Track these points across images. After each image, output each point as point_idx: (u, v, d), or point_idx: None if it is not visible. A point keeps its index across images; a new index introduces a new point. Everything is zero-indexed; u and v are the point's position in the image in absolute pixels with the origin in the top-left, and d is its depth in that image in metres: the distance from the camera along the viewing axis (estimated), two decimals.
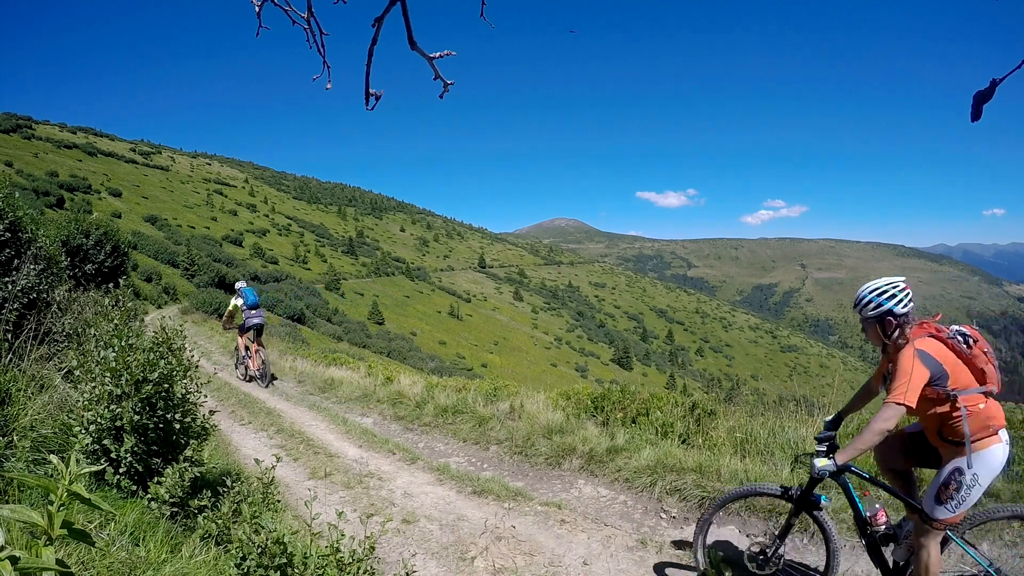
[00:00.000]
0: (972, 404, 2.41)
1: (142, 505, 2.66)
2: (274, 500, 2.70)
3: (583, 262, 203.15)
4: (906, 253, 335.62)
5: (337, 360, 12.33)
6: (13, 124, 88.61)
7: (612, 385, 7.12)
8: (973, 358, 2.46)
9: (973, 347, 2.48)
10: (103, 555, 2.00)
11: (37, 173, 60.14)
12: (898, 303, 2.53)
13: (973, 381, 2.45)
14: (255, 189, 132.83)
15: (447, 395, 7.19)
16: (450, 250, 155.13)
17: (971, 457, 2.38)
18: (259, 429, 6.70)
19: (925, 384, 2.41)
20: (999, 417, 2.44)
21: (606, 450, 4.95)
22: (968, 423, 2.39)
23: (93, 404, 2.91)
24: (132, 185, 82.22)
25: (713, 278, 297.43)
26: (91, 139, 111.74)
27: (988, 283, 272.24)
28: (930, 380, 2.42)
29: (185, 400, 3.19)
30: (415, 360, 42.48)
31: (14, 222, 4.86)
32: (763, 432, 4.79)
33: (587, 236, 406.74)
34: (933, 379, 2.42)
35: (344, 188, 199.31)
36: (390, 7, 1.13)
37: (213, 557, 2.38)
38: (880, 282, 2.61)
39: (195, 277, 48.18)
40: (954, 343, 2.48)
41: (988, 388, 2.45)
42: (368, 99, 1.27)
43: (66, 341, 4.49)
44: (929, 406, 2.48)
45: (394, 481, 4.92)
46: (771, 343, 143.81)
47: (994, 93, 0.84)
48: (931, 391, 2.44)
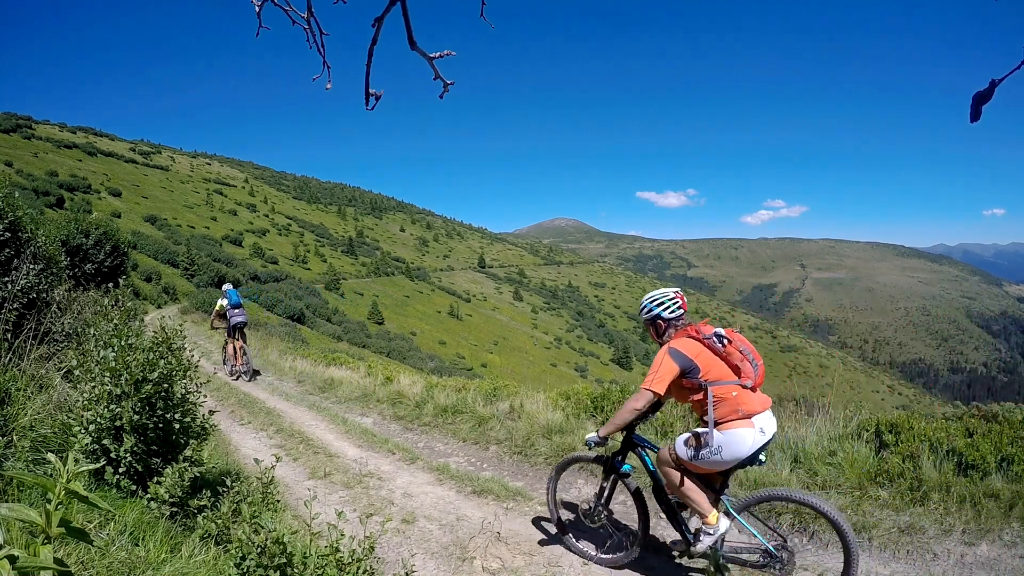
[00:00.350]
0: (722, 393, 2.83)
1: (142, 505, 2.66)
2: (274, 500, 2.70)
3: (583, 262, 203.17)
4: (906, 253, 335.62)
5: (337, 360, 12.32)
6: (13, 124, 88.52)
7: (612, 385, 7.12)
8: (728, 356, 2.88)
9: (727, 347, 2.90)
10: (102, 555, 2.00)
11: (37, 173, 60.09)
12: (666, 310, 3.08)
13: (728, 374, 2.87)
14: (255, 189, 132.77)
15: (447, 395, 7.18)
16: (450, 250, 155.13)
17: (714, 433, 2.81)
18: (259, 429, 6.70)
19: (679, 376, 2.88)
20: (751, 406, 2.81)
21: (606, 450, 4.95)
22: (716, 409, 2.82)
23: (93, 404, 2.91)
24: (132, 185, 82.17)
25: (713, 278, 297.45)
26: (91, 139, 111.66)
27: (988, 283, 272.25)
28: (682, 373, 2.88)
29: (185, 400, 3.19)
30: (415, 360, 42.47)
31: (14, 222, 4.86)
32: None
33: (587, 236, 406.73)
34: (685, 372, 2.87)
35: (344, 188, 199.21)
36: (390, 7, 1.13)
37: (213, 557, 2.38)
38: (656, 293, 3.15)
39: (195, 277, 48.16)
40: (710, 343, 2.91)
41: (742, 381, 2.85)
42: (368, 99, 1.27)
43: (66, 341, 4.49)
44: (688, 394, 2.94)
45: (394, 481, 4.92)
46: (771, 343, 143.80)
47: (993, 94, 0.84)
48: (687, 382, 2.89)
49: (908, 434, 4.12)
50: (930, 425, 4.17)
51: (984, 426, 4.07)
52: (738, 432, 2.79)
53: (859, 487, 3.86)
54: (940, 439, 3.95)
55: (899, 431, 4.21)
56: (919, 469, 3.80)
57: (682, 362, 2.87)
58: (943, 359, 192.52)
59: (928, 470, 3.78)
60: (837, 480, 4.00)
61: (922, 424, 4.20)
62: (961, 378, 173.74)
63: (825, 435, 4.57)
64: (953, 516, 3.44)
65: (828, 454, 4.31)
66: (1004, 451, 3.72)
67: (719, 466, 2.88)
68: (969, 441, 3.88)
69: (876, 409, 5.53)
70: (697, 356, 2.89)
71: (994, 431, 3.92)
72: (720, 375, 2.86)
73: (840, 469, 4.09)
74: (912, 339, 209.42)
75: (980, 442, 3.82)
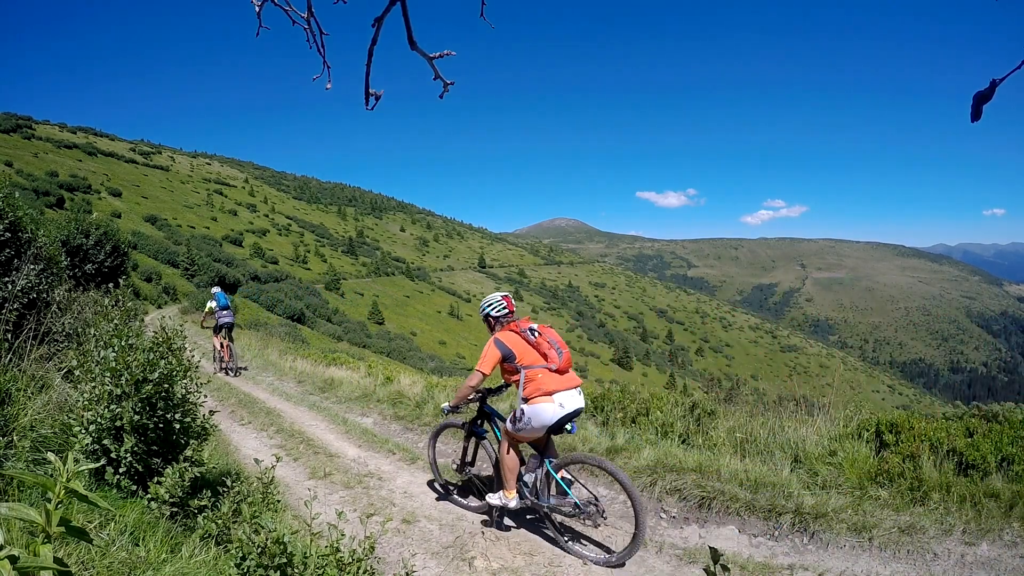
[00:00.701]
0: (532, 374, 3.53)
1: (142, 505, 2.66)
2: (274, 500, 2.70)
3: (583, 262, 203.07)
4: (906, 253, 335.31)
5: (337, 360, 12.32)
6: (13, 124, 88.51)
7: (612, 385, 7.12)
8: (537, 345, 3.60)
9: (538, 338, 3.63)
10: (103, 555, 2.00)
11: (37, 173, 60.08)
12: (494, 310, 3.87)
13: (538, 360, 3.58)
14: (255, 189, 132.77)
15: (447, 395, 7.18)
16: (450, 250, 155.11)
17: (523, 407, 3.51)
18: (259, 429, 6.70)
19: (501, 361, 3.62)
20: (552, 385, 3.50)
21: (606, 450, 4.95)
22: (526, 388, 3.53)
23: (93, 404, 2.91)
24: (132, 185, 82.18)
25: (713, 278, 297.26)
26: (91, 139, 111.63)
27: (988, 283, 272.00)
28: (503, 358, 3.61)
29: (185, 400, 3.19)
30: (415, 360, 42.45)
31: (14, 222, 4.86)
32: (763, 432, 4.79)
33: (587, 236, 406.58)
34: (505, 358, 3.61)
35: (344, 188, 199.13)
36: (390, 7, 1.13)
37: (213, 557, 2.38)
38: (489, 297, 3.94)
39: (195, 277, 48.17)
40: (524, 335, 3.64)
41: (549, 365, 3.55)
42: (368, 99, 1.27)
43: (66, 341, 4.49)
44: (510, 375, 3.66)
45: (394, 481, 4.92)
46: (771, 343, 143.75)
47: (994, 93, 0.84)
48: (508, 366, 3.63)
49: (908, 434, 4.11)
50: (930, 425, 4.16)
51: (984, 426, 4.07)
52: (540, 406, 3.47)
53: (859, 487, 3.86)
54: (940, 439, 3.94)
55: (899, 431, 4.20)
56: (919, 469, 3.80)
57: (503, 350, 3.61)
58: (943, 359, 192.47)
59: (928, 470, 3.77)
60: (837, 480, 3.99)
61: (922, 424, 4.19)
62: (961, 378, 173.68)
63: (825, 435, 4.57)
64: (953, 516, 3.44)
65: (828, 454, 4.30)
66: (1004, 451, 3.72)
67: (533, 433, 3.58)
68: (969, 441, 3.88)
69: (876, 409, 5.53)
70: (514, 345, 3.61)
71: (994, 431, 3.92)
72: (532, 360, 3.58)
73: (840, 469, 4.09)
74: (912, 339, 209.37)
75: (980, 442, 3.81)
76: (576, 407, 3.53)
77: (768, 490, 3.97)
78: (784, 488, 3.95)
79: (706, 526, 3.92)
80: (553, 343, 3.61)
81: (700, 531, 3.89)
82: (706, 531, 3.87)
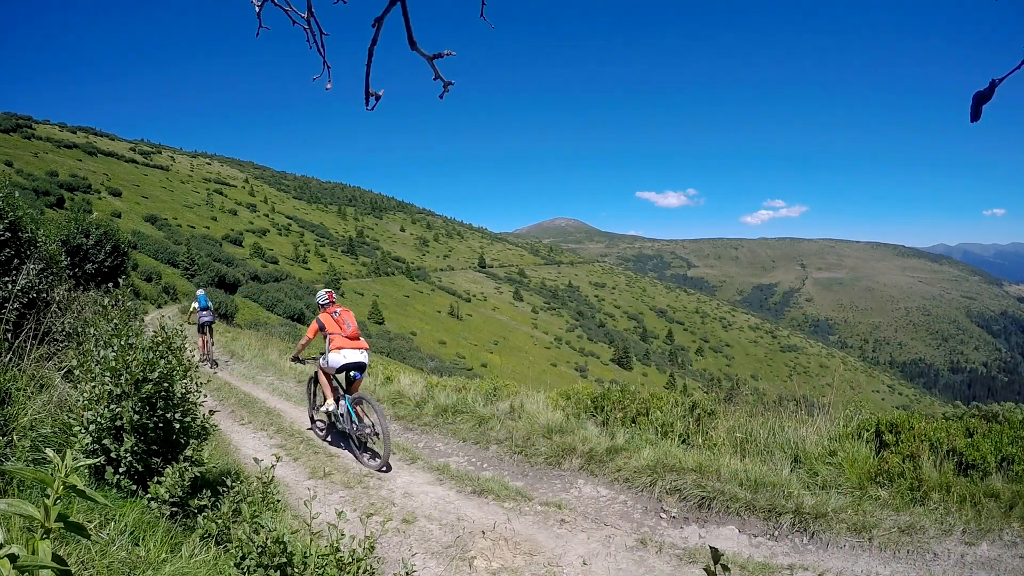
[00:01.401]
0: (333, 338, 5.66)
1: (142, 505, 2.66)
2: (274, 500, 2.70)
3: (583, 262, 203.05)
4: (906, 253, 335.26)
5: None
6: (13, 124, 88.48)
7: (612, 385, 7.12)
8: (339, 321, 5.71)
9: (338, 317, 5.73)
10: (103, 554, 2.00)
11: (37, 173, 60.08)
12: (320, 299, 6.10)
13: (337, 329, 5.68)
14: (255, 189, 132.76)
15: (447, 395, 7.18)
16: (450, 250, 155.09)
17: (327, 356, 5.67)
18: (259, 429, 6.70)
19: (319, 330, 5.78)
20: (341, 344, 5.61)
21: (606, 450, 4.95)
22: (328, 344, 5.67)
23: (93, 404, 2.91)
24: (132, 185, 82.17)
25: (713, 278, 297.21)
26: (91, 139, 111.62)
27: (988, 283, 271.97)
28: (320, 328, 5.77)
29: (185, 400, 3.19)
30: (415, 360, 42.44)
31: (14, 222, 4.85)
32: (763, 432, 4.78)
33: (587, 236, 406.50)
34: (321, 328, 5.76)
35: (344, 188, 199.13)
36: (390, 7, 1.13)
37: (213, 557, 2.38)
38: (320, 291, 6.20)
39: (195, 277, 48.13)
40: (331, 315, 5.77)
41: (342, 333, 5.64)
42: (368, 99, 1.27)
43: (66, 341, 4.49)
44: (323, 339, 5.78)
45: (394, 481, 4.92)
46: (771, 343, 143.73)
47: (994, 93, 0.84)
48: (323, 333, 5.77)
49: (908, 434, 4.11)
50: (930, 425, 4.16)
51: (984, 426, 4.07)
52: (332, 355, 5.59)
53: (859, 487, 3.85)
54: (940, 439, 3.94)
55: (899, 431, 4.20)
56: (919, 469, 3.80)
57: (320, 324, 5.78)
58: (943, 359, 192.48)
59: (928, 470, 3.77)
60: (837, 480, 3.99)
61: (922, 424, 4.19)
62: (961, 378, 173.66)
63: (825, 435, 4.57)
64: (953, 516, 3.44)
65: (828, 454, 4.30)
66: (1004, 451, 3.71)
67: (330, 370, 5.66)
68: (969, 441, 3.87)
69: (876, 409, 5.52)
70: (327, 322, 5.74)
71: (994, 431, 3.92)
72: (334, 330, 5.68)
73: (840, 469, 4.09)
74: (912, 339, 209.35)
75: (980, 442, 3.81)
76: (355, 360, 5.57)
77: (768, 490, 3.97)
78: (784, 488, 3.95)
79: (706, 526, 3.92)
80: (346, 321, 5.70)
81: (700, 531, 3.89)
82: (706, 531, 3.87)
